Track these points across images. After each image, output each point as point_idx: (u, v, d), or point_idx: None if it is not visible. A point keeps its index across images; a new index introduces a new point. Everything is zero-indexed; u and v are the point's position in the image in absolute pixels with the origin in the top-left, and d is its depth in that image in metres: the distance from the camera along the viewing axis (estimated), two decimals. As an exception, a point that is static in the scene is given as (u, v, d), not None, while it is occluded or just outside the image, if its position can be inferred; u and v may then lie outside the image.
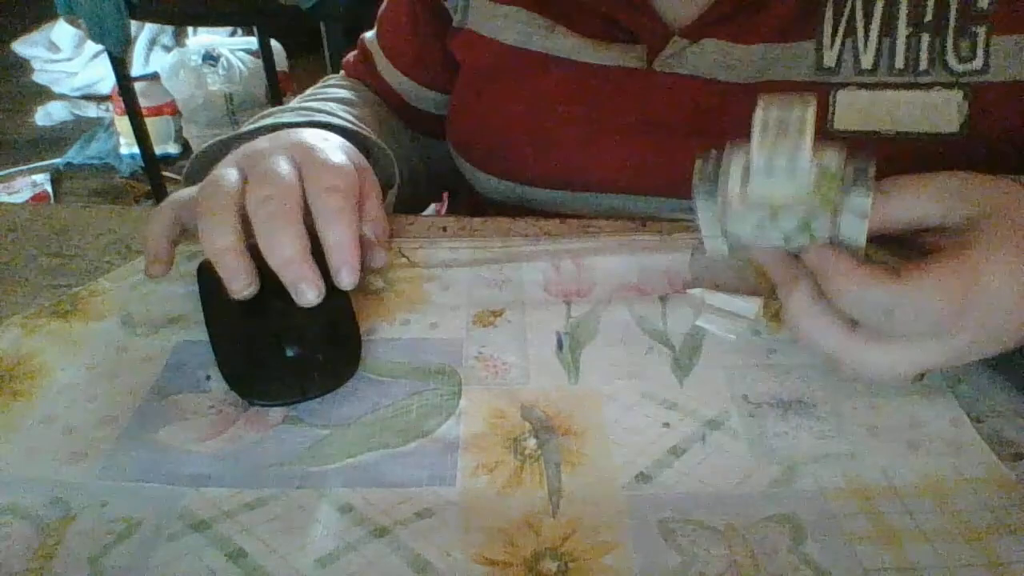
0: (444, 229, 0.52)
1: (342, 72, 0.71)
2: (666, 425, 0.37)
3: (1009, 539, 0.31)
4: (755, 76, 0.50)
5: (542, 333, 0.42)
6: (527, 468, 0.35)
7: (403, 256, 0.49)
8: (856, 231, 0.32)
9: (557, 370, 0.40)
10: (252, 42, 2.34)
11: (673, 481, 0.34)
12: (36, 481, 0.34)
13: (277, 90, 2.07)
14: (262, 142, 0.43)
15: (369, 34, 0.68)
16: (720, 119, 0.50)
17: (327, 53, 1.66)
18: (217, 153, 0.48)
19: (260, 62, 2.12)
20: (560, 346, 0.41)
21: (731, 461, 0.35)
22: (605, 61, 0.53)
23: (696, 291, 0.44)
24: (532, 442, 0.36)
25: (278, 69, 2.11)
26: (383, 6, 0.67)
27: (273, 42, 2.08)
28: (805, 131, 0.30)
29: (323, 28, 1.64)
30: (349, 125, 0.51)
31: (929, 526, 0.31)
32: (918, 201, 0.34)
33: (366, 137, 0.51)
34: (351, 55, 0.70)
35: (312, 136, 0.43)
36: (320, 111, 0.53)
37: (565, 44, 0.54)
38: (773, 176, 0.31)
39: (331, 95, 0.59)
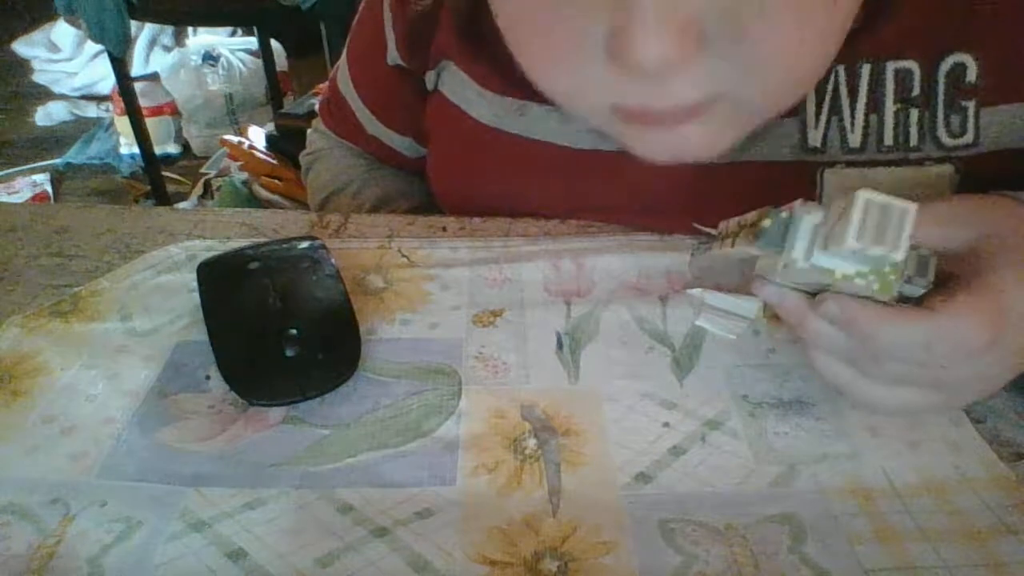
0: (444, 229, 0.52)
1: (320, 122, 0.69)
2: (666, 425, 0.37)
3: (1009, 539, 0.31)
4: (736, 156, 0.47)
5: (542, 333, 0.42)
6: (527, 468, 0.35)
7: (403, 256, 0.49)
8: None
9: (557, 370, 0.40)
10: (252, 42, 2.34)
11: (673, 481, 0.34)
12: (36, 481, 0.34)
13: (277, 90, 2.07)
14: None
15: (344, 87, 0.64)
16: (702, 199, 0.48)
17: (327, 53, 1.66)
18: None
19: (260, 62, 2.13)
20: (560, 346, 0.41)
21: (731, 461, 0.35)
22: (582, 144, 0.50)
23: (696, 291, 0.44)
24: (532, 442, 0.36)
25: (278, 69, 2.11)
26: (353, 63, 0.63)
27: (273, 42, 2.09)
28: (901, 239, 0.29)
29: (323, 28, 1.64)
30: None
31: (929, 526, 0.31)
32: (922, 230, 0.33)
33: None
34: (325, 99, 0.68)
35: None
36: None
37: (539, 127, 0.51)
38: (855, 257, 0.30)
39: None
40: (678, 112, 0.35)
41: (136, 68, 2.43)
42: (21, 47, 2.86)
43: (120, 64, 1.79)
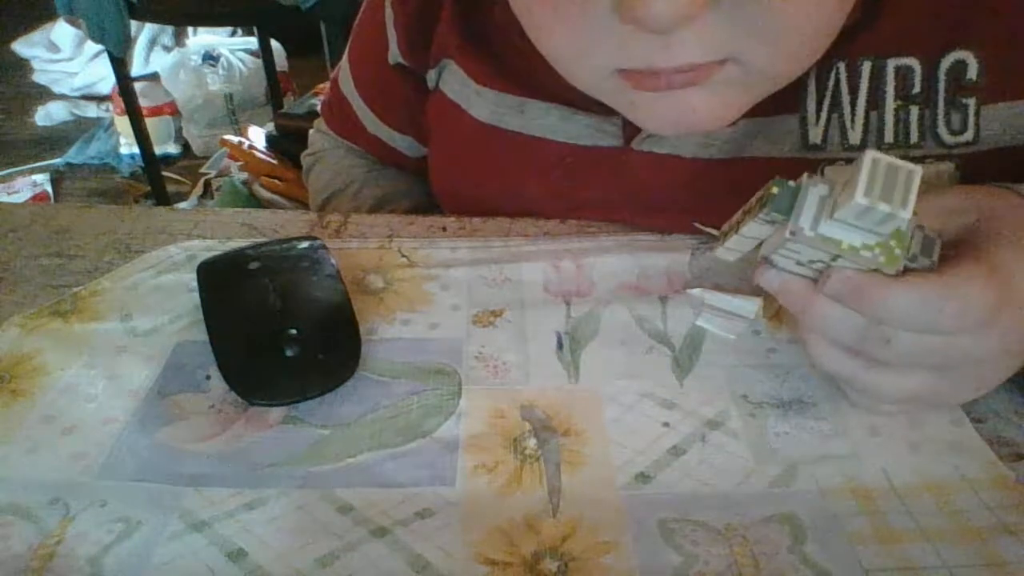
0: (444, 229, 0.52)
1: (321, 122, 0.70)
2: (666, 425, 0.37)
3: (1009, 539, 0.31)
4: (736, 153, 0.47)
5: (542, 333, 0.42)
6: (527, 468, 0.35)
7: (403, 256, 0.49)
8: None
9: (557, 370, 0.40)
10: (252, 42, 2.34)
11: (673, 481, 0.34)
12: (36, 481, 0.34)
13: (277, 90, 2.07)
14: None
15: (346, 87, 0.64)
16: (702, 195, 0.48)
17: (327, 53, 1.66)
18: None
19: (260, 62, 2.13)
20: (560, 346, 0.41)
21: (731, 461, 0.35)
22: (581, 140, 0.50)
23: (696, 291, 0.44)
24: (532, 442, 0.36)
25: (278, 69, 2.11)
26: (355, 62, 0.63)
27: (273, 42, 2.09)
28: (908, 197, 0.29)
29: (323, 28, 1.64)
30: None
31: (929, 526, 0.31)
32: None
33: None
34: (327, 100, 0.68)
35: None
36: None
37: (537, 124, 0.51)
38: (861, 221, 0.29)
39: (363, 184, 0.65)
40: (684, 73, 0.35)
41: (136, 68, 2.43)
42: (21, 47, 2.86)
43: (120, 64, 1.79)
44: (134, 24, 1.82)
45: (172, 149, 2.38)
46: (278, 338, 0.39)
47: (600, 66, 0.37)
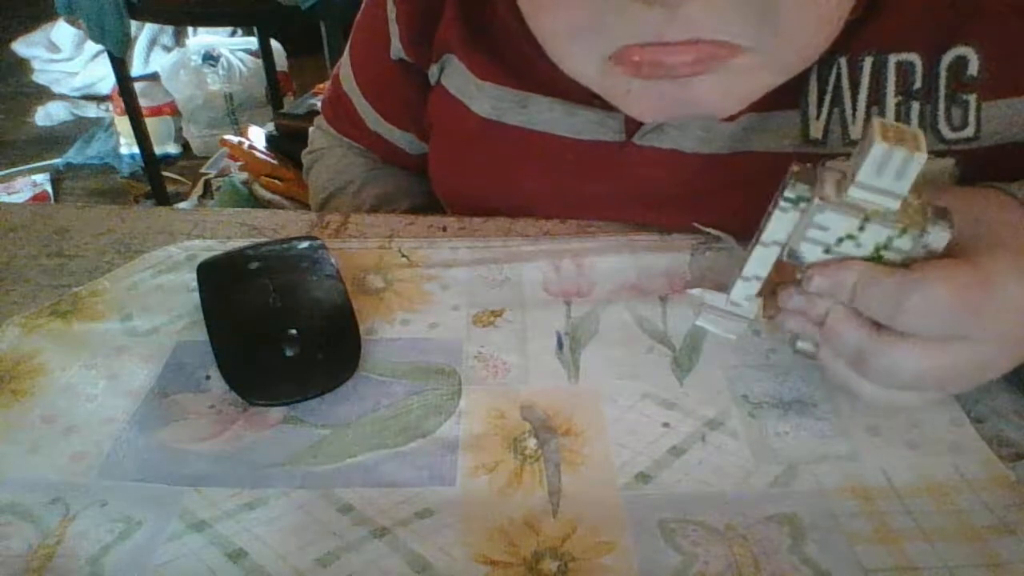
0: (444, 229, 0.52)
1: (322, 119, 0.70)
2: (666, 425, 0.37)
3: (1009, 539, 0.31)
4: (737, 147, 0.47)
5: (542, 333, 0.42)
6: (527, 468, 0.35)
7: (403, 256, 0.49)
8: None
9: (557, 370, 0.40)
10: (252, 42, 2.34)
11: (673, 481, 0.34)
12: (36, 481, 0.34)
13: (277, 90, 2.07)
14: None
15: (347, 83, 0.64)
16: (703, 189, 0.48)
17: (327, 53, 1.66)
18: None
19: (260, 62, 2.13)
20: (560, 346, 0.41)
21: (731, 461, 0.35)
22: (583, 135, 0.50)
23: (696, 291, 0.44)
24: (532, 442, 0.36)
25: (278, 69, 2.11)
26: (356, 58, 0.63)
27: (273, 42, 2.09)
28: (920, 145, 0.30)
29: (323, 28, 1.64)
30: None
31: (929, 526, 0.31)
32: None
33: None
34: (328, 96, 0.68)
35: None
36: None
37: (539, 119, 0.51)
38: (882, 176, 0.31)
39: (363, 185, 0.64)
40: (689, 65, 0.35)
41: (136, 68, 2.43)
42: (21, 47, 2.85)
43: (120, 64, 1.78)
44: (134, 24, 1.82)
45: (172, 149, 2.38)
46: (278, 338, 0.39)
47: (600, 50, 0.37)
